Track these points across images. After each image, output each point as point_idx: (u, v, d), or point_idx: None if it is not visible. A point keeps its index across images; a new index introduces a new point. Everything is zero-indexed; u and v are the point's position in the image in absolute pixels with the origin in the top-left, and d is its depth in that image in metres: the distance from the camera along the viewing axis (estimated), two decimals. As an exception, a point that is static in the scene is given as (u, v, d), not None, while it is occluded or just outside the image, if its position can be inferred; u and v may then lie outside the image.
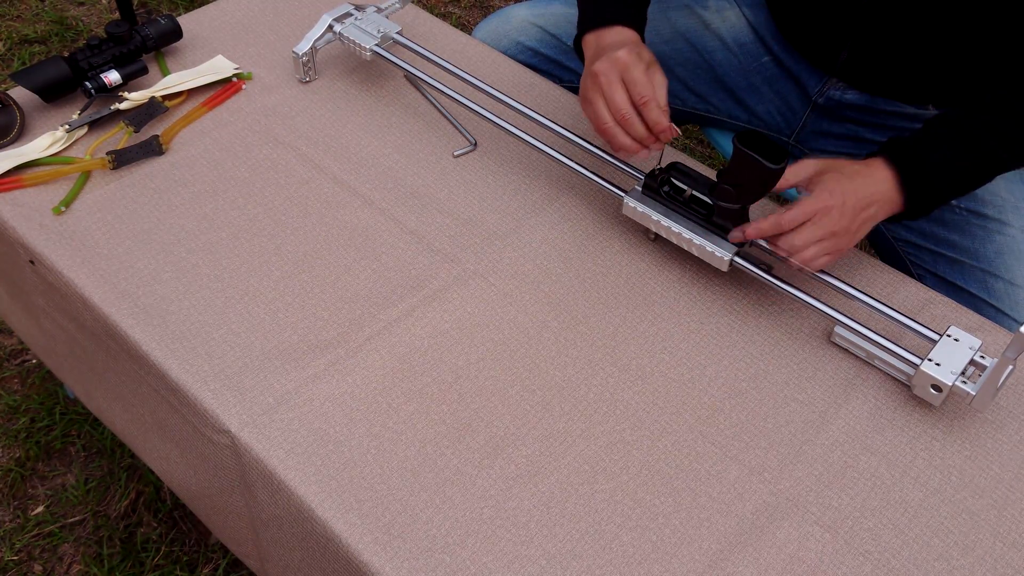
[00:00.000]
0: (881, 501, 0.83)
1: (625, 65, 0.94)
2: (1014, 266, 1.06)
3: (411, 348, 0.92)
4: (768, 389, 0.91)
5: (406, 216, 1.06)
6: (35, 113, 1.14)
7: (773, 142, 0.89)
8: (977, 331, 0.96)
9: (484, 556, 0.78)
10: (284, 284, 0.98)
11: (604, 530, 0.80)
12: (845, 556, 0.79)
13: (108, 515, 1.44)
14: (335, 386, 0.89)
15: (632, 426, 0.87)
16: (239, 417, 0.86)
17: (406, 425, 0.86)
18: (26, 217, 1.02)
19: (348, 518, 0.79)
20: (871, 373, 0.93)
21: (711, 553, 0.79)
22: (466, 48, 1.29)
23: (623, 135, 0.95)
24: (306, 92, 1.21)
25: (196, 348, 0.91)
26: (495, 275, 1.00)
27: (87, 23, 2.41)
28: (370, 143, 1.14)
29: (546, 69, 1.32)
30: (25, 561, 1.39)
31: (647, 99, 0.93)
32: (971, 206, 1.09)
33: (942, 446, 0.87)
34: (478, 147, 1.15)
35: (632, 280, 1.01)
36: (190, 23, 1.29)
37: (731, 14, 1.26)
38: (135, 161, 1.09)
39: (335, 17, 1.20)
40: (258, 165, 1.10)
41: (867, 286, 1.00)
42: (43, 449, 1.51)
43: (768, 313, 0.98)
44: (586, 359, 0.93)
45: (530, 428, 0.87)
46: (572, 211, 1.08)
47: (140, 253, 1.00)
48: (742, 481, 0.84)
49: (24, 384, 1.60)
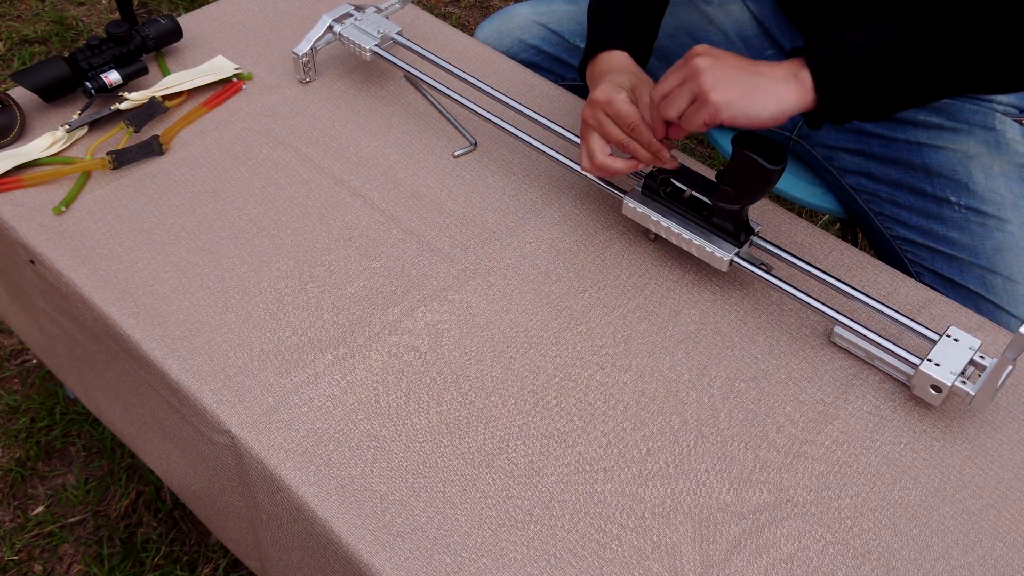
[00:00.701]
0: (881, 501, 0.83)
1: (604, 102, 0.95)
2: (1013, 262, 1.06)
3: (411, 348, 0.92)
4: (768, 389, 0.91)
5: (406, 216, 1.06)
6: (35, 113, 1.14)
7: (772, 142, 0.89)
8: (977, 331, 0.96)
9: (484, 556, 0.78)
10: (284, 284, 0.98)
11: (604, 530, 0.80)
12: (845, 556, 0.79)
13: (108, 515, 1.44)
14: (335, 386, 0.89)
15: (632, 426, 0.87)
16: (239, 417, 0.86)
17: (406, 425, 0.86)
18: (26, 217, 1.02)
19: (348, 518, 0.79)
20: (871, 373, 0.93)
21: (711, 553, 0.79)
22: (466, 48, 1.29)
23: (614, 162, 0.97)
24: (306, 92, 1.21)
25: (196, 348, 0.91)
26: (495, 275, 1.00)
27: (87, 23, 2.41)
28: (370, 143, 1.14)
29: (549, 67, 1.32)
30: (25, 561, 1.39)
31: (634, 125, 0.94)
32: (970, 203, 1.09)
33: (942, 446, 0.87)
34: (478, 147, 1.15)
35: (632, 280, 1.01)
36: (190, 23, 1.29)
37: (735, 8, 1.26)
38: (135, 161, 1.09)
39: (335, 17, 1.20)
40: (258, 165, 1.10)
41: (867, 286, 1.00)
42: (43, 449, 1.51)
43: (768, 313, 0.98)
44: (586, 359, 0.93)
45: (530, 428, 0.87)
46: (572, 211, 1.08)
47: (140, 253, 1.00)
48: (742, 481, 0.84)
49: (24, 384, 1.60)
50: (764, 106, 0.86)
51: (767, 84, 0.87)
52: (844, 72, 0.86)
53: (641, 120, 0.94)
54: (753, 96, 0.86)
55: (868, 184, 1.18)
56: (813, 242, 1.05)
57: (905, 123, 1.15)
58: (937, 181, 1.12)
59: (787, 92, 0.87)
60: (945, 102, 1.13)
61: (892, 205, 1.15)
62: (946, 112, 1.13)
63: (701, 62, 0.87)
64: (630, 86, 0.96)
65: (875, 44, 0.87)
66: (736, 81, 0.86)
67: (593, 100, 0.96)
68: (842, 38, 0.87)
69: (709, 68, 0.86)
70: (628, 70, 1.00)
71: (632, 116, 0.94)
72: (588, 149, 0.98)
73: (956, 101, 1.13)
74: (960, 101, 1.13)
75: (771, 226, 1.07)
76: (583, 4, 1.32)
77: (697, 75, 0.86)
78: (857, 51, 0.86)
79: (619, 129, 0.95)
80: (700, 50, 0.88)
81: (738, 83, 0.86)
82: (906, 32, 0.86)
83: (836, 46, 0.87)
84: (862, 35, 0.87)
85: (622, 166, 0.97)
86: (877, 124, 1.17)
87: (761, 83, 0.87)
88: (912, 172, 1.14)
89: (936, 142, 1.13)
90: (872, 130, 1.17)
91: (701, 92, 0.86)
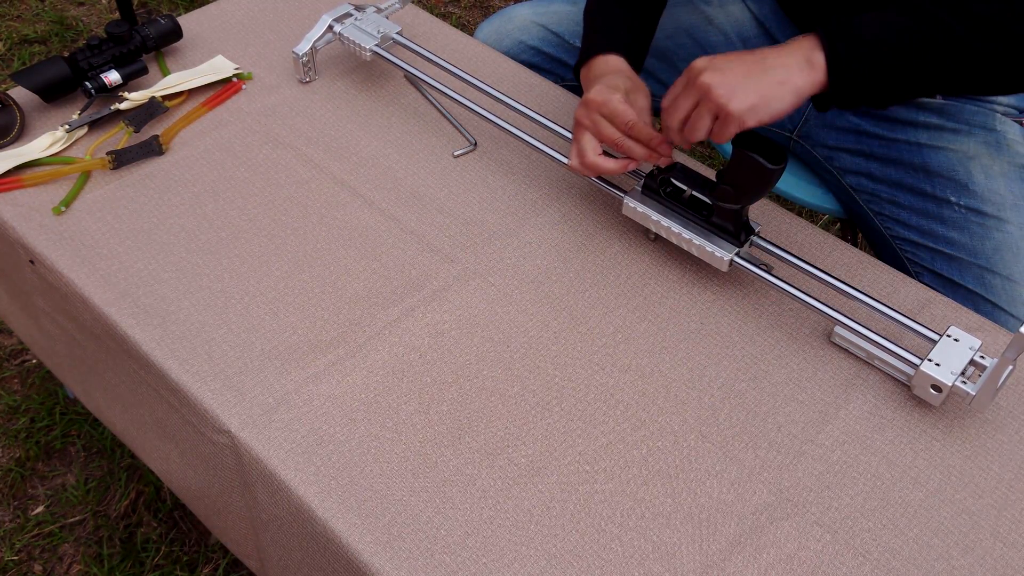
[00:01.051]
0: (881, 501, 0.83)
1: (600, 103, 0.95)
2: (1012, 262, 1.06)
3: (411, 348, 0.92)
4: (768, 389, 0.91)
5: (406, 216, 1.06)
6: (35, 113, 1.14)
7: (772, 142, 0.89)
8: (977, 331, 0.96)
9: (484, 556, 0.78)
10: (284, 284, 0.98)
11: (604, 530, 0.80)
12: (845, 556, 0.79)
13: (108, 515, 1.44)
14: (335, 386, 0.89)
15: (632, 426, 0.87)
16: (239, 417, 0.86)
17: (406, 425, 0.86)
18: (26, 217, 1.02)
19: (348, 518, 0.79)
20: (871, 373, 0.93)
21: (711, 553, 0.79)
22: (466, 48, 1.29)
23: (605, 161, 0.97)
24: (306, 92, 1.21)
25: (196, 348, 0.91)
26: (495, 275, 1.00)
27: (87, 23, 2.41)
28: (370, 143, 1.14)
29: (549, 68, 1.32)
30: (25, 561, 1.39)
31: (632, 123, 0.94)
32: (969, 203, 1.09)
33: (942, 446, 0.87)
34: (478, 147, 1.15)
35: (632, 280, 1.01)
36: (190, 23, 1.29)
37: (735, 8, 1.26)
38: (135, 161, 1.09)
39: (335, 17, 1.20)
40: (258, 165, 1.10)
41: (867, 286, 1.00)
42: (43, 449, 1.51)
43: (768, 313, 0.98)
44: (586, 359, 0.93)
45: (530, 428, 0.87)
46: (572, 211, 1.08)
47: (140, 253, 1.00)
48: (742, 481, 0.84)
49: (24, 384, 1.60)
50: (783, 99, 0.86)
51: (780, 75, 0.86)
52: (860, 56, 0.85)
53: (638, 118, 0.94)
54: (771, 92, 0.85)
55: (868, 184, 1.18)
56: (813, 242, 1.05)
57: (905, 124, 1.15)
58: (937, 181, 1.12)
59: (800, 78, 0.86)
60: (946, 103, 1.13)
61: (892, 205, 1.15)
62: (946, 113, 1.13)
63: (707, 78, 0.86)
64: (625, 89, 0.96)
65: (891, 30, 0.86)
66: (750, 84, 0.85)
67: (588, 100, 0.96)
68: (859, 21, 0.86)
69: (718, 82, 0.85)
70: (623, 74, 1.00)
71: (628, 114, 0.94)
72: (579, 148, 0.98)
73: (957, 102, 1.13)
74: (960, 102, 1.13)
75: (771, 226, 1.07)
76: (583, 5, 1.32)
77: (709, 93, 0.85)
78: (873, 36, 0.85)
79: (614, 128, 0.95)
80: (700, 65, 0.87)
81: (752, 85, 0.85)
82: (922, 20, 0.85)
83: (853, 30, 0.86)
84: (878, 21, 0.86)
85: (613, 166, 0.97)
86: (877, 124, 1.17)
87: (774, 76, 0.86)
88: (912, 172, 1.14)
89: (936, 142, 1.13)
90: (872, 130, 1.17)
91: (720, 108, 0.85)
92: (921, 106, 1.14)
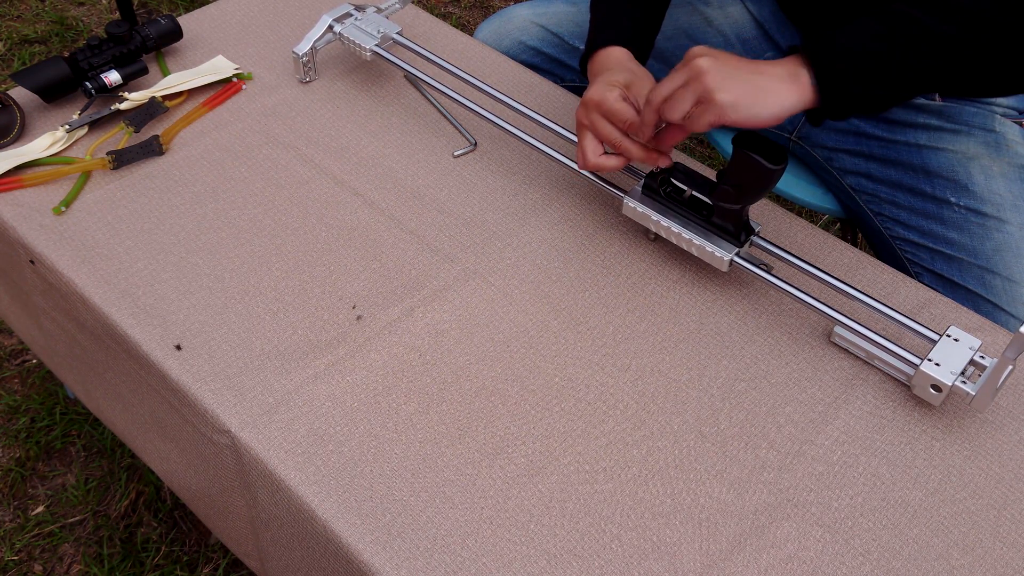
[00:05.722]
0: (881, 501, 0.83)
1: (596, 102, 0.95)
2: (1012, 263, 1.06)
3: (411, 348, 0.92)
4: (768, 389, 0.91)
5: (406, 216, 1.06)
6: (35, 113, 1.14)
7: (772, 142, 0.89)
8: (977, 331, 0.96)
9: (484, 556, 0.78)
10: (284, 284, 0.98)
11: (604, 530, 0.80)
12: (845, 556, 0.79)
13: (108, 515, 1.44)
14: (335, 386, 0.89)
15: (632, 426, 0.87)
16: (239, 417, 0.86)
17: (406, 425, 0.86)
18: (26, 217, 1.02)
19: (348, 518, 0.79)
20: (871, 373, 0.93)
21: (711, 553, 0.79)
22: (466, 48, 1.29)
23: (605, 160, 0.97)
24: (306, 92, 1.21)
25: (196, 348, 0.91)
26: (495, 275, 1.00)
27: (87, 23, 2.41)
28: (370, 143, 1.14)
29: (548, 68, 1.32)
30: (25, 561, 1.39)
31: (630, 123, 0.94)
32: (969, 203, 1.09)
33: (942, 446, 0.87)
34: (478, 147, 1.15)
35: (632, 280, 1.01)
36: (190, 23, 1.29)
37: (734, 9, 1.26)
38: (135, 161, 1.09)
39: (335, 17, 1.20)
40: (258, 165, 1.10)
41: (867, 286, 1.00)
42: (43, 449, 1.51)
43: (768, 313, 0.98)
44: (586, 359, 0.93)
45: (530, 428, 0.87)
46: (572, 211, 1.08)
47: (140, 253, 1.00)
48: (742, 481, 0.84)
49: (24, 384, 1.60)
50: (766, 106, 0.86)
51: (769, 83, 0.87)
52: (841, 69, 0.86)
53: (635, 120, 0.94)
54: (757, 96, 0.86)
55: (868, 185, 1.18)
56: (813, 242, 1.05)
57: (905, 125, 1.15)
58: (937, 182, 1.12)
59: (787, 91, 0.87)
60: (945, 105, 1.13)
61: (892, 206, 1.15)
62: (946, 114, 1.13)
63: (704, 63, 0.86)
64: (625, 83, 0.96)
65: (869, 39, 0.86)
66: (740, 81, 0.86)
67: (586, 100, 0.96)
68: (837, 34, 0.87)
69: (712, 68, 0.86)
70: (625, 67, 1.00)
71: (625, 113, 0.94)
72: (580, 149, 0.98)
73: (956, 103, 1.13)
74: (960, 103, 1.13)
75: (771, 226, 1.07)
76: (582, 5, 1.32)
77: (701, 76, 0.86)
78: (853, 47, 0.86)
79: (612, 128, 0.95)
80: (700, 51, 0.88)
81: (742, 83, 0.86)
82: (900, 24, 0.86)
83: (832, 43, 0.87)
84: (856, 30, 0.87)
85: (613, 163, 0.97)
86: (877, 126, 1.17)
87: (763, 82, 0.87)
88: (912, 173, 1.14)
89: (936, 143, 1.13)
90: (872, 132, 1.17)
91: (706, 93, 0.86)
92: (921, 107, 1.14)
